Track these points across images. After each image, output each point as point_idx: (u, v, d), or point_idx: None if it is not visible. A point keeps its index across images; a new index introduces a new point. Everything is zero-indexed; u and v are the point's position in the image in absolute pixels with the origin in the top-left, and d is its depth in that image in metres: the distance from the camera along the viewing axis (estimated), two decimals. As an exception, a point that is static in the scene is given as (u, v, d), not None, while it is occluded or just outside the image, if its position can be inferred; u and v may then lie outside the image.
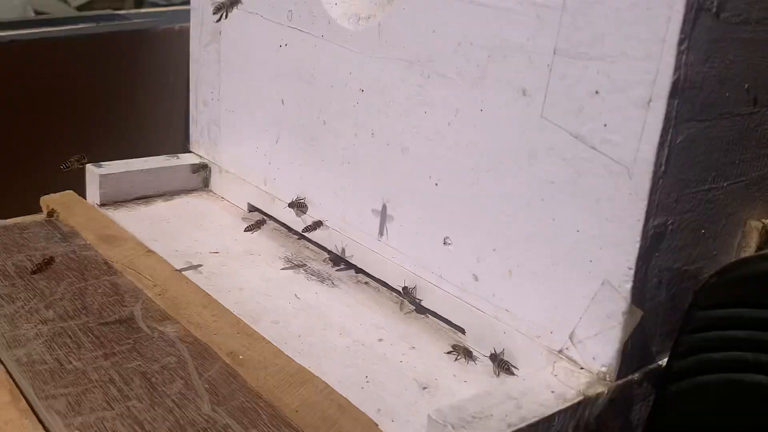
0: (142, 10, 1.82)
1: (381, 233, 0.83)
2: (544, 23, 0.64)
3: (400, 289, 0.82)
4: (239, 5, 0.82)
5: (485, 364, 0.73)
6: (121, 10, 1.80)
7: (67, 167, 0.95)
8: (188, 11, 1.10)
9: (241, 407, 0.64)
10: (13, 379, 0.65)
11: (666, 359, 0.66)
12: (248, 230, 0.93)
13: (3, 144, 1.32)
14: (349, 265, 0.91)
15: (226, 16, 0.79)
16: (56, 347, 0.70)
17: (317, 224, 0.87)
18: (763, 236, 0.69)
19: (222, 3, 0.79)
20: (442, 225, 0.77)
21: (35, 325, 0.73)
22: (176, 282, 0.83)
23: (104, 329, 0.73)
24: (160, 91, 1.46)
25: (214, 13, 0.83)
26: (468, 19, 0.70)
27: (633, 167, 0.60)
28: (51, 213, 0.97)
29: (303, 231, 0.88)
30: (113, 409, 0.63)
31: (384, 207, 0.82)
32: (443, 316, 0.79)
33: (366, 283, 0.88)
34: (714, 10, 0.58)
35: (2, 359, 0.68)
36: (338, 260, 0.92)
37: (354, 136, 0.85)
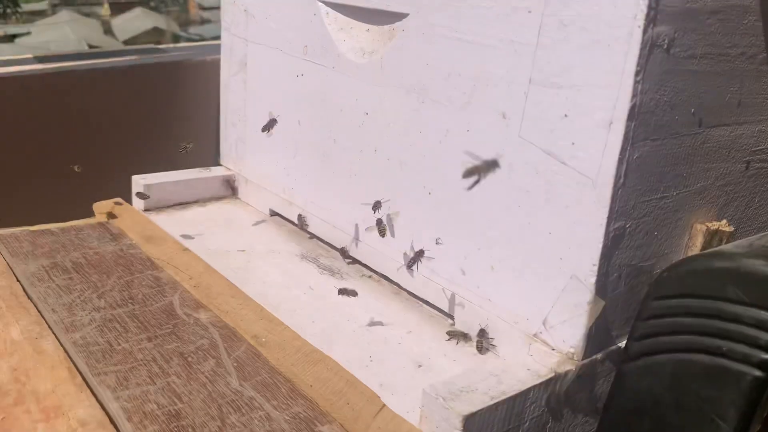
0: (179, 45, 1.82)
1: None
2: (521, 57, 0.64)
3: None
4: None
5: (473, 346, 0.73)
6: (160, 45, 1.80)
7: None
8: (218, 45, 1.10)
9: (263, 382, 0.64)
10: (71, 359, 0.65)
11: (624, 342, 0.66)
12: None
13: (59, 158, 1.32)
14: (355, 261, 0.91)
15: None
16: (107, 331, 0.70)
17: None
18: (707, 237, 0.69)
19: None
20: (434, 227, 0.77)
21: (89, 312, 0.73)
22: (208, 275, 0.82)
23: (148, 316, 0.74)
24: (195, 113, 1.46)
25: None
26: (456, 53, 0.71)
27: (597, 179, 0.60)
28: (110, 215, 0.97)
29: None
30: (155, 383, 0.63)
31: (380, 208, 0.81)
32: (435, 304, 0.79)
33: (370, 276, 0.88)
34: (665, 46, 0.58)
35: (61, 341, 0.68)
36: (346, 256, 0.92)
37: (360, 152, 0.85)
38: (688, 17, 0.59)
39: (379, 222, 0.80)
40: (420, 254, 0.77)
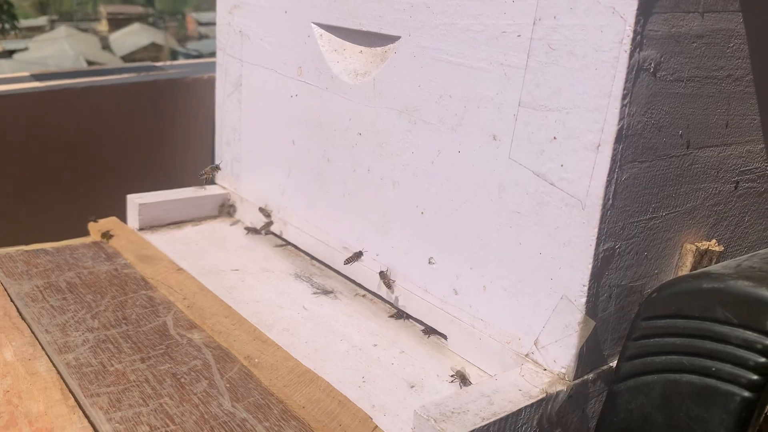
0: (176, 62, 1.84)
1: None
2: (510, 80, 0.66)
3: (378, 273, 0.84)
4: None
5: (465, 366, 0.74)
6: (158, 62, 1.81)
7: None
8: (215, 63, 1.11)
9: (256, 403, 0.64)
10: (64, 380, 0.66)
11: (616, 361, 0.66)
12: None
13: (56, 177, 1.33)
14: (348, 279, 0.91)
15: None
16: (100, 352, 0.70)
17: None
18: (697, 257, 0.70)
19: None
20: (427, 247, 0.78)
21: (83, 333, 0.73)
22: (202, 295, 0.83)
23: (141, 336, 0.74)
24: (191, 131, 1.47)
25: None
26: (448, 76, 0.72)
27: (585, 200, 0.61)
28: (105, 234, 0.98)
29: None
30: (148, 405, 0.63)
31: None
32: (428, 324, 0.80)
33: (363, 295, 0.89)
34: (651, 69, 0.59)
35: (54, 362, 0.68)
36: (339, 275, 0.93)
37: (353, 172, 0.86)
38: (674, 41, 0.60)
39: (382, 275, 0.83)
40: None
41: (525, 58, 0.64)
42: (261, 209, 0.99)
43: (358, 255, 0.79)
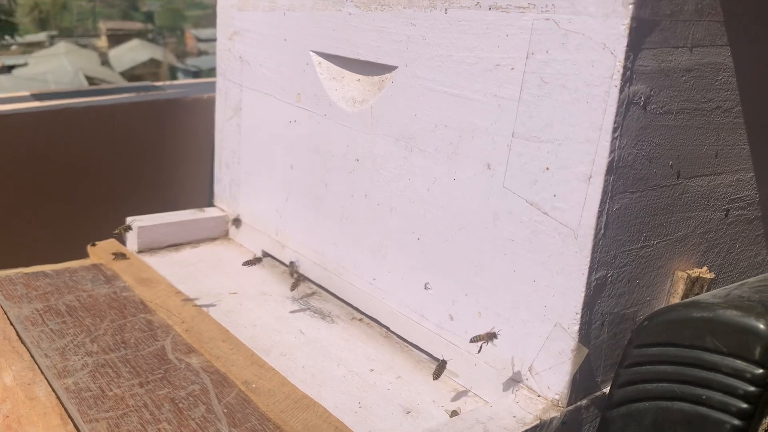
0: (175, 82, 1.86)
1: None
2: (504, 111, 0.67)
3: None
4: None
5: (460, 392, 0.75)
6: (158, 81, 1.83)
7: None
8: (214, 83, 1.12)
9: (253, 429, 0.65)
10: (63, 405, 0.66)
11: (609, 388, 0.67)
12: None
13: (55, 198, 1.34)
14: (345, 303, 0.92)
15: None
16: (99, 376, 0.71)
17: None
18: (688, 284, 0.71)
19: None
20: (423, 272, 0.79)
21: (82, 357, 0.74)
22: (200, 319, 0.84)
23: (140, 360, 0.75)
24: (190, 152, 1.49)
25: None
26: (443, 105, 0.73)
27: (578, 230, 0.63)
28: (117, 254, 0.98)
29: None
30: (147, 430, 0.64)
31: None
32: (424, 349, 0.81)
33: (360, 319, 0.90)
34: (641, 103, 0.61)
35: (54, 387, 0.69)
36: (336, 299, 0.94)
37: (350, 197, 0.88)
38: (663, 75, 0.62)
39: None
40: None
41: (518, 91, 0.66)
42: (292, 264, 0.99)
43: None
